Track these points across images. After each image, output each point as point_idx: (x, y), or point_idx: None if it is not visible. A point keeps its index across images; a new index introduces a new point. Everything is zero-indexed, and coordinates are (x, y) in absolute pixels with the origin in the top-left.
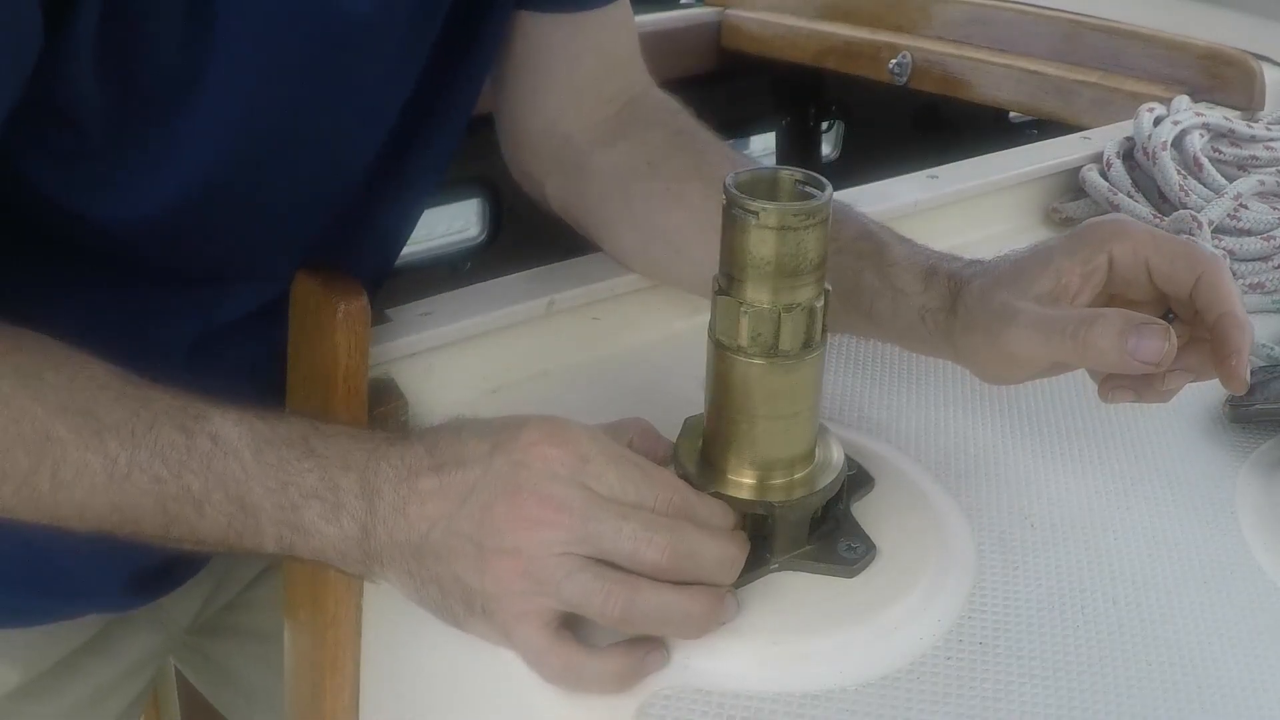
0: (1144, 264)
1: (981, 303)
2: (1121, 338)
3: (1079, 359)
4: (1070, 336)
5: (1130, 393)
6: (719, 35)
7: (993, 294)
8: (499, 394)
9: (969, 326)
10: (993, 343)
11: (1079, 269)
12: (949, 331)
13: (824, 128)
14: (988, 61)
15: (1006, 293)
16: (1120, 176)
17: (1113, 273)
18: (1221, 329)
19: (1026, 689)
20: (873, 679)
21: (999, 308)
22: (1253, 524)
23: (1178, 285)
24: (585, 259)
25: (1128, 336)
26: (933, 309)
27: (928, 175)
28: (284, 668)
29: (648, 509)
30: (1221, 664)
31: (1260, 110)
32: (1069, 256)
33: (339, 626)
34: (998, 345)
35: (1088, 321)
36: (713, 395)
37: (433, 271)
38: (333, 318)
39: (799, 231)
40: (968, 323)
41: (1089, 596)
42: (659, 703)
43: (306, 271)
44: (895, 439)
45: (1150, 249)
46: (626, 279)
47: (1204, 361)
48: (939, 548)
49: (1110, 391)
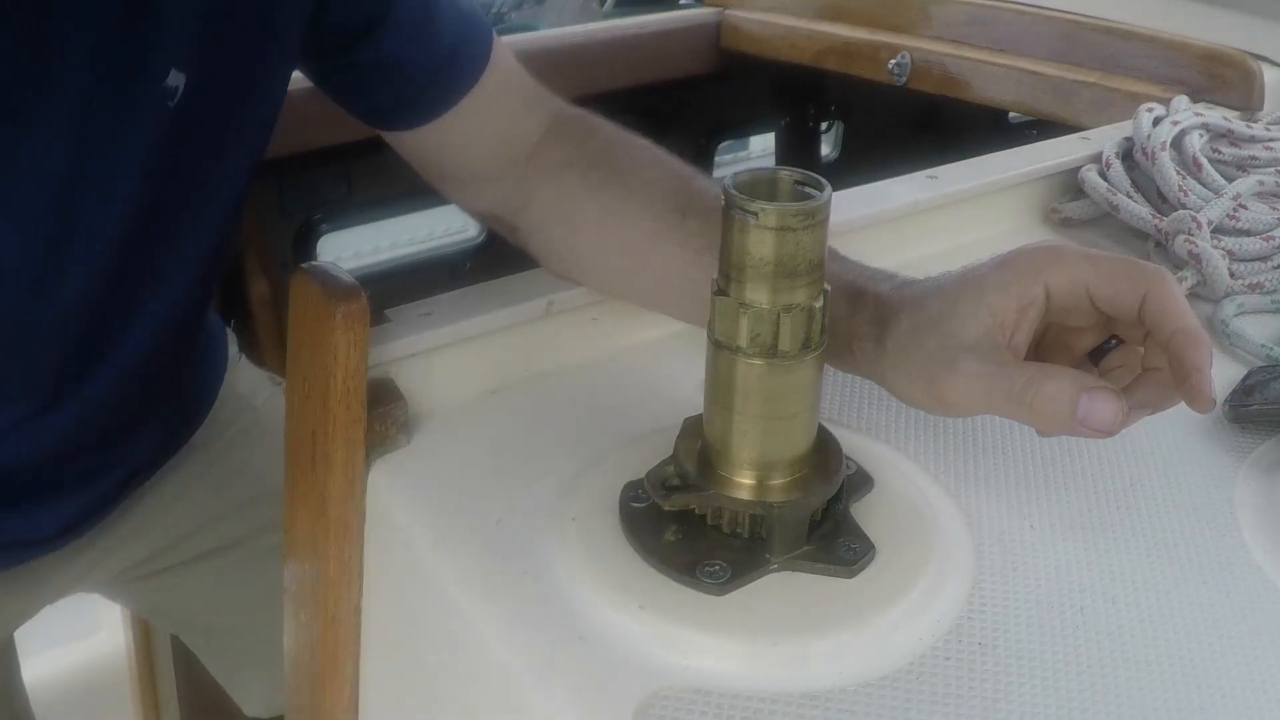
0: (1084, 290)
1: (914, 342)
2: (1072, 404)
3: (1023, 420)
4: (1016, 400)
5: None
6: (719, 35)
7: (925, 336)
8: (499, 394)
9: (900, 367)
10: (928, 389)
11: (1014, 305)
12: (877, 364)
13: (823, 128)
14: (987, 62)
15: (940, 336)
16: (1119, 177)
17: (1051, 303)
18: (1176, 347)
19: (1026, 689)
20: (873, 679)
21: (935, 351)
22: (1252, 524)
23: (1122, 307)
24: None
25: (1078, 402)
26: (860, 336)
27: (927, 175)
28: (284, 668)
29: None
30: (1220, 664)
31: (1259, 110)
32: (1002, 293)
33: (339, 626)
34: (933, 392)
35: (1036, 382)
36: (712, 396)
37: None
38: (332, 318)
39: (798, 232)
40: (899, 363)
41: (1089, 596)
42: (658, 703)
43: (306, 271)
44: (895, 439)
45: (1088, 273)
46: None
47: (1161, 393)
48: (939, 548)
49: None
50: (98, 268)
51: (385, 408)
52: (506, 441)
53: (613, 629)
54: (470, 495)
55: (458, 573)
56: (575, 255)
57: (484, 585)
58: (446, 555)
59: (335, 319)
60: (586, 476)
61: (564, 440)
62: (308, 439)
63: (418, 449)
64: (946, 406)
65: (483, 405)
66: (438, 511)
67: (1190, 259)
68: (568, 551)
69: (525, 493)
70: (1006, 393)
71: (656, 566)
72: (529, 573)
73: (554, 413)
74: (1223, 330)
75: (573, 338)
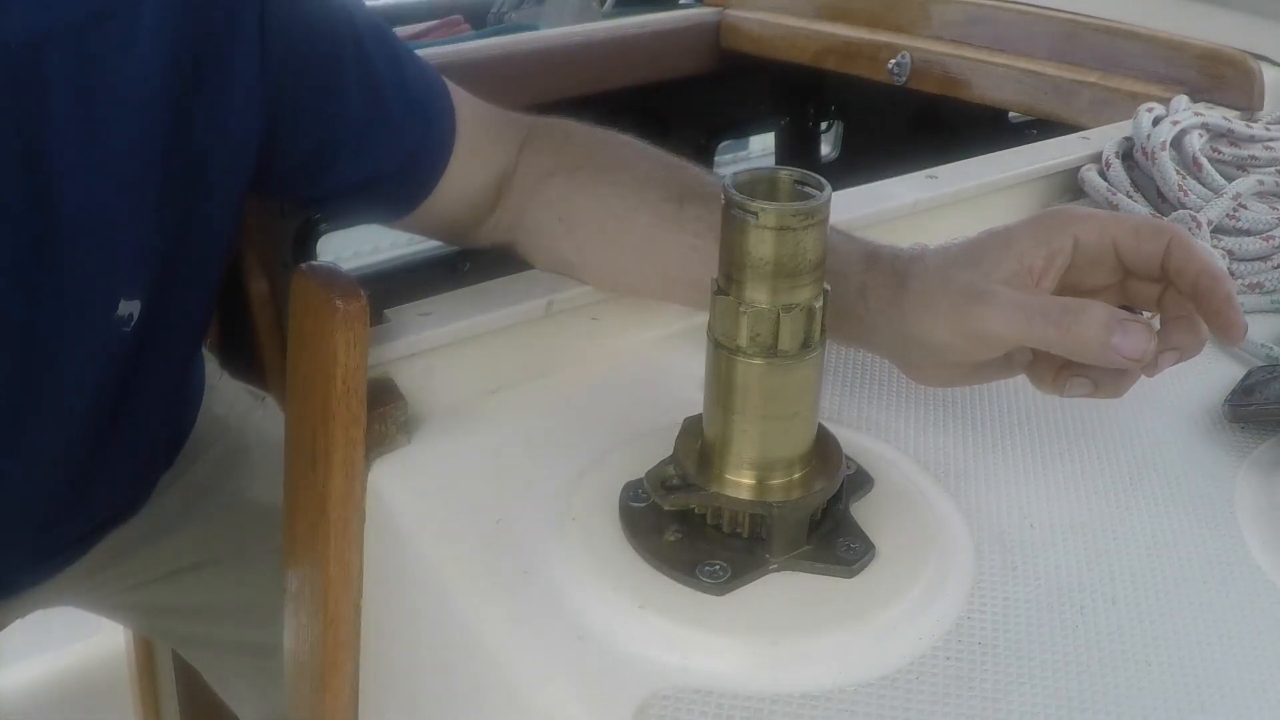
0: (1110, 243)
1: (941, 280)
2: (1106, 331)
3: (1059, 345)
4: (1054, 323)
5: (1088, 385)
6: (718, 35)
7: (953, 273)
8: (499, 394)
9: (926, 304)
10: (959, 322)
11: (1043, 250)
12: (895, 307)
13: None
14: (987, 61)
15: (969, 273)
16: (1119, 176)
17: (1077, 255)
18: (1203, 285)
19: (1026, 689)
20: (873, 679)
21: (964, 287)
22: (1252, 524)
23: (1147, 258)
24: None
25: (1113, 331)
26: (875, 285)
27: (927, 175)
28: (284, 668)
29: None
30: (1221, 664)
31: (1259, 110)
32: (1032, 238)
33: (339, 626)
34: (966, 325)
35: (1073, 310)
36: (712, 395)
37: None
38: (332, 317)
39: (798, 232)
40: (924, 300)
41: (1089, 596)
42: (658, 703)
43: (306, 271)
44: (895, 439)
45: (1115, 228)
46: None
47: (1188, 336)
48: (939, 548)
49: (1067, 382)
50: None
51: (385, 407)
52: (506, 441)
53: (613, 629)
54: (470, 495)
55: (458, 572)
56: (578, 258)
57: (484, 585)
58: (446, 555)
59: (335, 319)
60: (586, 476)
61: (564, 440)
62: (308, 439)
63: (418, 449)
64: (977, 339)
65: (483, 405)
66: (438, 511)
67: None
68: (568, 551)
69: (525, 492)
70: (1044, 317)
71: (656, 566)
72: (529, 572)
73: (554, 413)
74: None
75: (573, 338)
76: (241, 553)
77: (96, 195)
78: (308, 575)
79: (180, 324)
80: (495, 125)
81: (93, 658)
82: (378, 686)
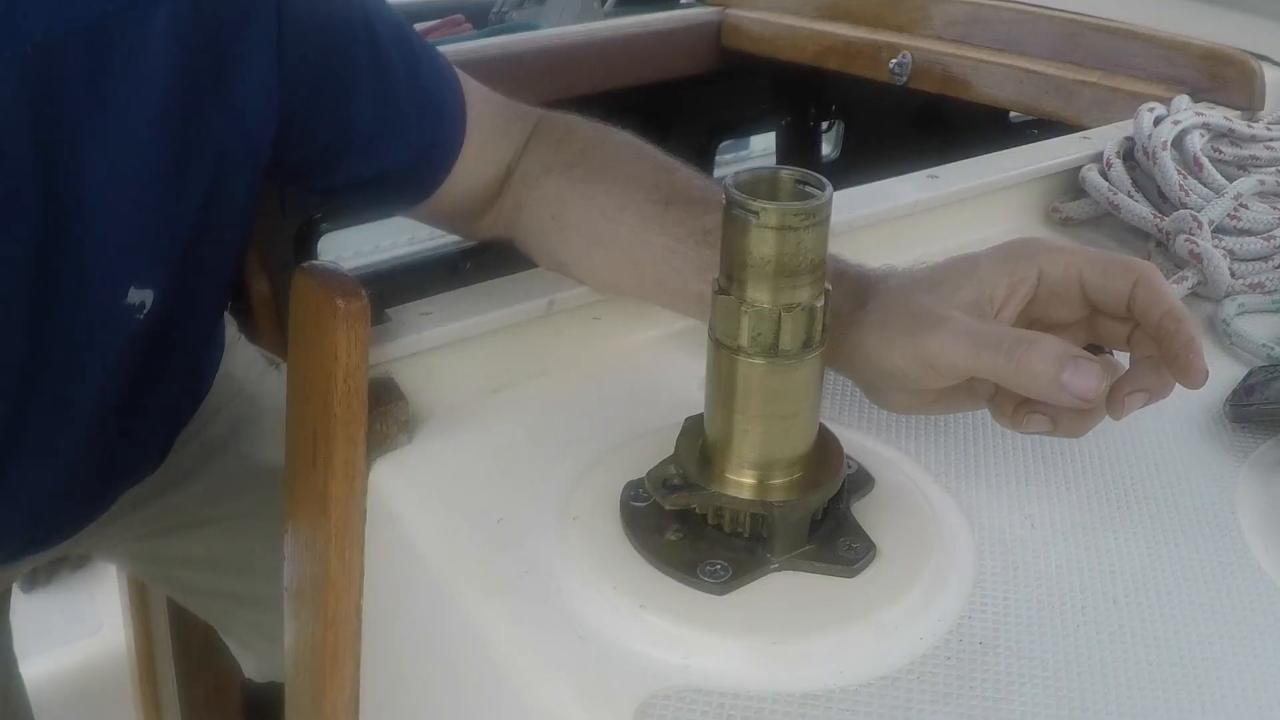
0: (1076, 278)
1: (900, 301)
2: (1058, 366)
3: (1008, 379)
4: (1005, 354)
5: (1046, 422)
6: (719, 35)
7: (912, 295)
8: (499, 394)
9: (882, 325)
10: (911, 346)
11: (1005, 280)
12: (855, 328)
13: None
14: (988, 61)
15: (928, 297)
16: (1120, 176)
17: (1041, 288)
18: (1167, 326)
19: (1027, 689)
20: (873, 679)
21: (920, 310)
22: (1253, 524)
23: (1112, 295)
24: None
25: (1064, 367)
26: (836, 304)
27: (928, 175)
28: (284, 668)
29: None
30: (1221, 664)
31: (1260, 110)
32: (996, 267)
33: (339, 626)
34: (917, 350)
35: (1025, 342)
36: (712, 395)
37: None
38: (333, 317)
39: (799, 231)
40: (881, 321)
41: (1089, 596)
42: (659, 702)
43: (307, 270)
44: (895, 439)
45: (1082, 261)
46: None
47: (1155, 377)
48: (939, 548)
49: (1025, 418)
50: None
51: (386, 407)
52: (507, 441)
53: (613, 628)
54: (471, 494)
55: (458, 572)
56: (568, 254)
57: (484, 584)
58: (447, 554)
59: (336, 318)
60: (587, 476)
61: (565, 439)
62: (308, 438)
63: (418, 448)
64: (928, 365)
65: (483, 405)
66: (438, 511)
67: (1191, 258)
68: (568, 551)
69: (526, 492)
70: (995, 348)
71: (657, 566)
72: (529, 572)
73: (555, 412)
74: (1224, 330)
75: (573, 337)
76: (249, 510)
77: (110, 185)
78: (308, 575)
79: (197, 310)
80: (504, 119)
81: (93, 658)
82: (378, 686)
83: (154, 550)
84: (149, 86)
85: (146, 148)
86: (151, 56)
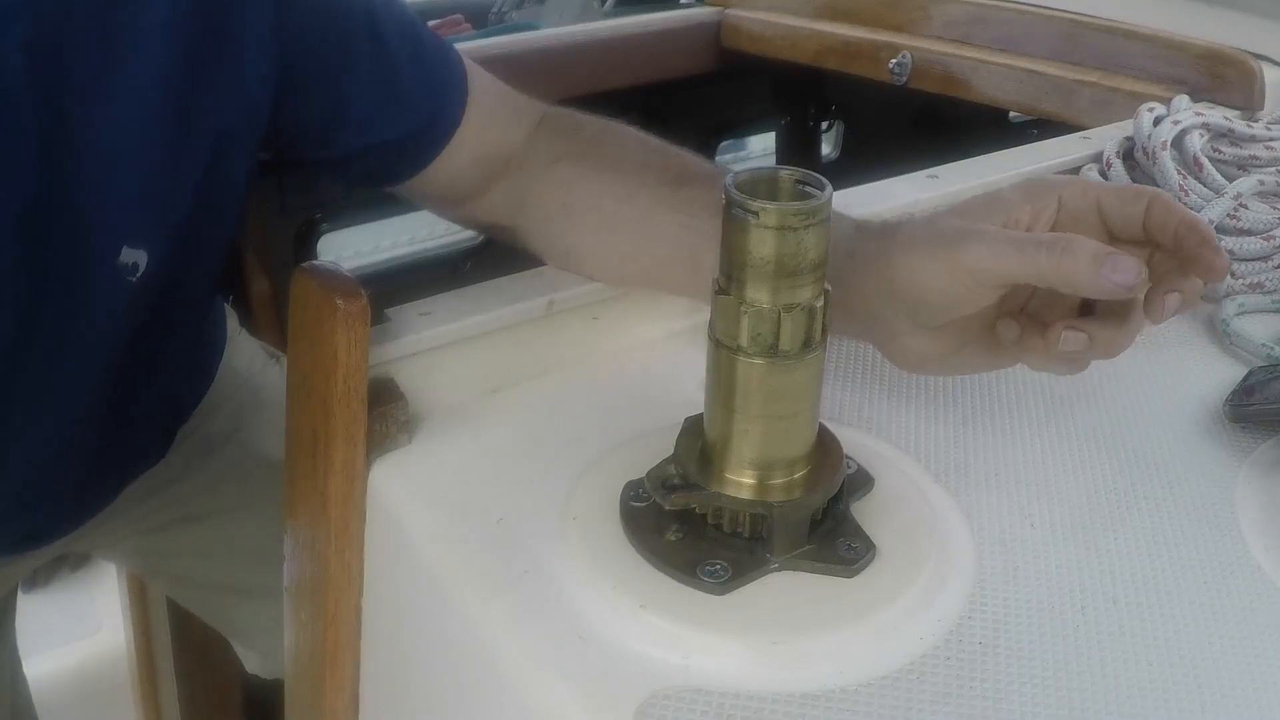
0: (1094, 203)
1: (929, 228)
2: (1097, 261)
3: (1051, 273)
4: (1047, 248)
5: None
6: (719, 35)
7: (943, 220)
8: (499, 394)
9: (915, 247)
10: (950, 260)
11: (1029, 206)
12: (881, 258)
13: (824, 128)
14: (988, 61)
15: (959, 220)
16: (1120, 176)
17: (1062, 214)
18: (1181, 234)
19: (1026, 689)
20: (873, 679)
21: (953, 231)
22: (1252, 524)
23: (1129, 219)
24: None
25: (1103, 262)
26: (862, 244)
27: (927, 175)
28: (284, 668)
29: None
30: (1221, 664)
31: (1260, 110)
32: (1018, 196)
33: (339, 626)
34: (956, 262)
35: (1063, 241)
36: (712, 395)
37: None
38: (332, 317)
39: (799, 231)
40: (912, 245)
41: (1089, 596)
42: (659, 702)
43: (306, 270)
44: (895, 438)
45: (1099, 190)
46: None
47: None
48: (939, 548)
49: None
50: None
51: (386, 407)
52: (507, 441)
53: (613, 628)
54: (471, 494)
55: (458, 572)
56: (578, 243)
57: (484, 584)
58: (447, 554)
59: (336, 318)
60: (587, 476)
61: (564, 439)
62: (308, 438)
63: (418, 448)
64: (968, 275)
65: (483, 404)
66: (438, 511)
67: None
68: (568, 551)
69: (526, 492)
70: (1036, 246)
71: (657, 566)
72: (529, 572)
73: (554, 412)
74: (1223, 330)
75: (573, 337)
76: (249, 505)
77: (106, 144)
78: (308, 575)
79: (193, 276)
80: (507, 107)
81: (93, 657)
82: (378, 686)
83: (156, 545)
84: (150, 40)
85: (149, 107)
86: (157, 16)
